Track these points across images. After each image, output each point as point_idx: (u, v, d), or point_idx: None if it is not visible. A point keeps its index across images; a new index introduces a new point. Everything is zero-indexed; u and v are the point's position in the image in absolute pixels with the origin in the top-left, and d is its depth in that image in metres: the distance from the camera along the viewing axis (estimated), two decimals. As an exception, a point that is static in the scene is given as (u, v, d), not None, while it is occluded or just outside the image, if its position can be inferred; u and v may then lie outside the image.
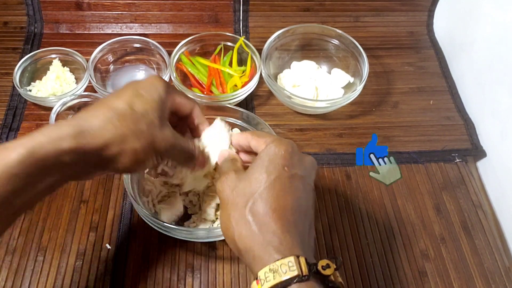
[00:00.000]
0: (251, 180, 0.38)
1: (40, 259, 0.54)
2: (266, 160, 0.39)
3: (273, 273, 0.33)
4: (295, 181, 0.38)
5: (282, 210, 0.36)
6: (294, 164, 0.39)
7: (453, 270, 0.56)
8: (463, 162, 0.66)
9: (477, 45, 0.73)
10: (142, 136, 0.38)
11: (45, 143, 0.34)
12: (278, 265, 0.33)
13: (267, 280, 0.33)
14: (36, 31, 0.77)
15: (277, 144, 0.39)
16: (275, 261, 0.33)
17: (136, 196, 0.53)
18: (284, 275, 0.32)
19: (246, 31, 0.80)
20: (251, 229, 0.36)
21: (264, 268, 0.33)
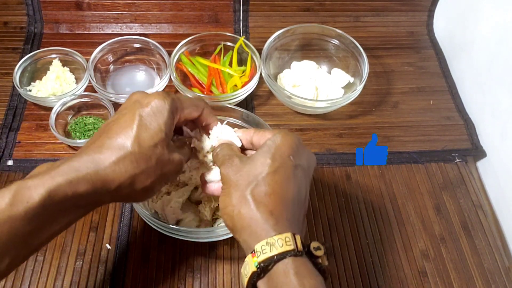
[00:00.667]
0: (256, 164, 0.39)
1: (40, 259, 0.54)
2: (272, 147, 0.39)
3: (269, 246, 0.34)
4: (298, 172, 0.39)
5: (283, 195, 0.38)
6: (299, 156, 0.40)
7: (453, 270, 0.56)
8: (463, 162, 0.66)
9: (477, 45, 0.73)
10: (152, 173, 0.39)
11: (64, 186, 0.35)
12: (275, 239, 0.35)
13: (263, 252, 0.34)
14: (36, 31, 0.77)
15: (284, 135, 0.40)
16: (272, 236, 0.35)
17: (136, 196, 0.53)
18: (280, 248, 0.34)
19: (246, 31, 0.80)
20: (251, 208, 0.36)
21: (261, 242, 0.35)
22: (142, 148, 0.38)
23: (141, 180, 0.39)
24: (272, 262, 0.34)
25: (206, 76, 0.71)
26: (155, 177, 0.39)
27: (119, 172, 0.37)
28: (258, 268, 0.34)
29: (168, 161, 0.40)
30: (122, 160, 0.37)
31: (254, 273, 0.35)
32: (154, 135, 0.39)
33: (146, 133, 0.38)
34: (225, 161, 0.41)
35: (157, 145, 0.39)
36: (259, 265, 0.34)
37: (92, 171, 0.36)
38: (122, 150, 0.38)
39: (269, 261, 0.34)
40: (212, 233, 0.51)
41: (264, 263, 0.34)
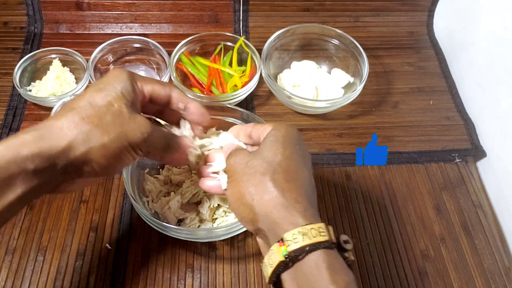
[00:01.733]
0: (267, 153, 0.38)
1: (40, 259, 0.54)
2: (279, 136, 0.39)
3: (302, 235, 0.33)
4: (307, 161, 0.39)
5: (301, 180, 0.37)
6: (303, 147, 0.40)
7: (453, 270, 0.56)
8: (463, 162, 0.66)
9: (477, 45, 0.73)
10: (109, 129, 0.36)
11: (4, 151, 0.33)
12: (308, 229, 0.33)
13: (294, 242, 0.32)
14: (36, 31, 0.77)
15: (287, 126, 0.40)
16: (304, 225, 0.33)
17: (136, 196, 0.53)
18: (314, 238, 0.32)
19: (246, 31, 0.80)
20: (274, 194, 0.35)
21: (292, 230, 0.33)
22: (94, 106, 0.36)
23: (96, 136, 0.35)
24: (303, 253, 0.32)
25: (206, 76, 0.71)
26: (114, 134, 0.36)
27: (68, 128, 0.35)
28: (287, 257, 0.33)
29: (128, 119, 0.37)
30: (71, 117, 0.35)
31: (281, 263, 0.33)
32: (109, 95, 0.37)
33: (100, 94, 0.37)
34: (232, 153, 0.40)
35: (112, 103, 0.37)
36: (288, 254, 0.32)
37: (37, 133, 0.34)
38: (72, 110, 0.36)
39: (300, 251, 0.32)
40: (212, 233, 0.51)
41: (295, 253, 0.32)
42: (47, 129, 0.35)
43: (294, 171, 0.37)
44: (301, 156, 0.39)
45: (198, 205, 0.56)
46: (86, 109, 0.36)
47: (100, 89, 0.37)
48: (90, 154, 0.36)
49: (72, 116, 0.35)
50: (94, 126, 0.35)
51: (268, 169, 0.36)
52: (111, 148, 0.36)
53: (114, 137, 0.36)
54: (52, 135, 0.34)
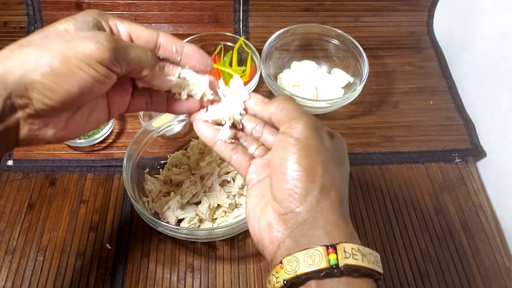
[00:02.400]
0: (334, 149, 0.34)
1: (40, 259, 0.54)
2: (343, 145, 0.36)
3: (361, 255, 0.29)
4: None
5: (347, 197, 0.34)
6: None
7: (453, 270, 0.56)
8: (463, 162, 0.66)
9: (477, 45, 0.73)
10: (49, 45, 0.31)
11: None
12: (367, 252, 0.30)
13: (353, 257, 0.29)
14: (36, 31, 0.77)
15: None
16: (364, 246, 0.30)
17: (136, 196, 0.53)
18: (372, 265, 0.30)
19: (246, 31, 0.80)
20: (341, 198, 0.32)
21: (352, 244, 0.30)
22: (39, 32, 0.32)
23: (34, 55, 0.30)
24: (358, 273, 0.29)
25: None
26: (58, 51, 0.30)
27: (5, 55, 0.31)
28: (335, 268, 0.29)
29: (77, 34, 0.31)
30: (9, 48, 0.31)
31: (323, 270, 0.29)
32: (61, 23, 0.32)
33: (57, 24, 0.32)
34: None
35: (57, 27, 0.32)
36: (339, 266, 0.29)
37: None
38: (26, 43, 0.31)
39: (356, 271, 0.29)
40: (212, 233, 0.51)
41: (351, 269, 0.29)
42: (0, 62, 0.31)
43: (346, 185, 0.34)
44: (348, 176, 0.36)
45: (198, 205, 0.56)
46: (29, 36, 0.32)
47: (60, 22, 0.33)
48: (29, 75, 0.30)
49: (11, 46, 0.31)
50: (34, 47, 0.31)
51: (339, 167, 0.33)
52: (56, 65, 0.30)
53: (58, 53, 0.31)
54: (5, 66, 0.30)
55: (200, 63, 0.38)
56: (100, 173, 0.62)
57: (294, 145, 0.32)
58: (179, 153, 0.61)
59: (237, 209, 0.56)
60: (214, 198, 0.55)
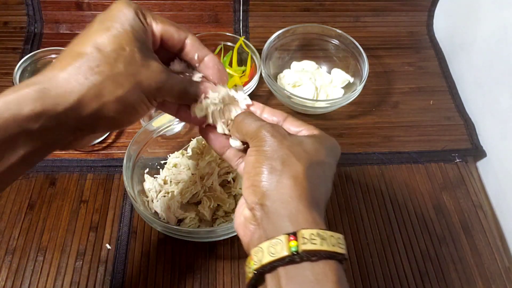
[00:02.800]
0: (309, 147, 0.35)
1: (40, 259, 0.54)
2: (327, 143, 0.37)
3: (320, 239, 0.30)
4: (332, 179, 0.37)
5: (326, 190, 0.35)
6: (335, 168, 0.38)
7: (453, 270, 0.56)
8: (463, 162, 0.66)
9: (477, 45, 0.73)
10: (123, 79, 0.32)
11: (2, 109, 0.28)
12: (328, 235, 0.31)
13: (311, 242, 0.30)
14: (36, 31, 0.77)
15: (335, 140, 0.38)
16: (324, 229, 0.31)
17: (136, 196, 0.53)
18: (333, 247, 0.31)
19: (246, 31, 0.80)
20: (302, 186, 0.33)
21: (311, 230, 0.31)
22: (103, 51, 0.31)
23: (109, 89, 0.31)
24: (317, 257, 0.30)
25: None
26: (129, 86, 0.32)
27: (76, 81, 0.30)
28: (296, 254, 0.30)
29: (142, 66, 0.33)
30: (78, 68, 0.31)
31: (287, 257, 0.30)
32: (118, 36, 0.32)
33: (106, 36, 0.32)
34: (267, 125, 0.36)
35: (123, 46, 0.32)
36: (299, 252, 0.30)
37: (40, 87, 0.30)
38: (78, 58, 0.31)
39: (315, 254, 0.30)
40: (212, 233, 0.51)
41: (309, 254, 0.30)
42: (52, 82, 0.30)
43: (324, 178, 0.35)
44: (333, 172, 0.36)
45: (198, 205, 0.56)
46: (94, 56, 0.31)
47: (107, 28, 0.32)
48: (103, 110, 0.32)
49: (79, 65, 0.31)
50: (106, 77, 0.31)
51: (306, 159, 0.34)
52: (126, 102, 0.32)
53: (128, 89, 0.32)
54: (58, 90, 0.30)
55: (216, 77, 0.39)
56: (100, 173, 0.62)
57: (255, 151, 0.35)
58: (179, 153, 0.61)
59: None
60: (214, 198, 0.55)
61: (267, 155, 0.34)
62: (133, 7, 0.34)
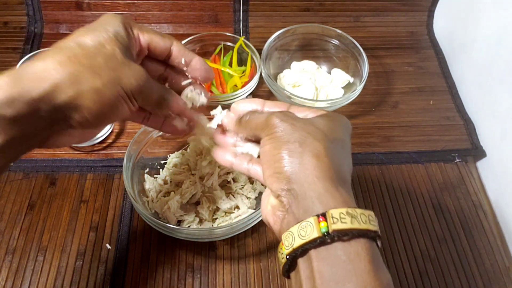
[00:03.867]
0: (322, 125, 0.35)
1: (40, 259, 0.54)
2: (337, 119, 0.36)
3: (351, 217, 0.30)
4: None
5: (349, 167, 0.35)
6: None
7: (453, 270, 0.56)
8: (463, 162, 0.66)
9: (477, 45, 0.73)
10: (101, 71, 0.32)
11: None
12: (358, 212, 0.30)
13: (342, 221, 0.29)
14: (36, 31, 0.77)
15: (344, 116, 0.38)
16: (354, 208, 0.30)
17: (136, 196, 0.53)
18: (364, 225, 0.30)
19: (246, 31, 0.80)
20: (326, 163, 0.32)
21: (340, 209, 0.30)
22: (83, 46, 0.33)
23: (87, 78, 0.32)
24: (349, 236, 0.29)
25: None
26: (107, 78, 0.32)
27: (54, 68, 0.31)
28: (327, 235, 0.29)
29: (122, 63, 0.34)
30: (57, 56, 0.31)
31: (317, 238, 0.29)
32: (99, 35, 0.33)
33: (89, 35, 0.33)
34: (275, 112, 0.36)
35: (103, 44, 0.33)
36: (331, 232, 0.29)
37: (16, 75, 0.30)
38: (56, 50, 0.32)
39: (346, 233, 0.29)
40: (212, 233, 0.51)
41: (340, 233, 0.29)
42: (28, 70, 0.30)
43: (344, 154, 0.35)
44: (350, 147, 0.37)
45: (197, 205, 0.56)
46: (73, 48, 0.32)
47: (90, 30, 0.34)
48: (80, 99, 0.32)
49: (58, 55, 0.31)
50: (84, 67, 0.32)
51: (324, 137, 0.33)
52: (104, 93, 0.32)
53: (107, 81, 0.32)
54: (33, 76, 0.30)
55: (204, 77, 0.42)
56: (100, 173, 0.62)
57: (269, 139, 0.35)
58: (179, 153, 0.61)
59: (237, 209, 0.56)
60: (214, 199, 0.55)
61: (283, 140, 0.34)
62: (120, 18, 0.36)
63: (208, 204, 0.55)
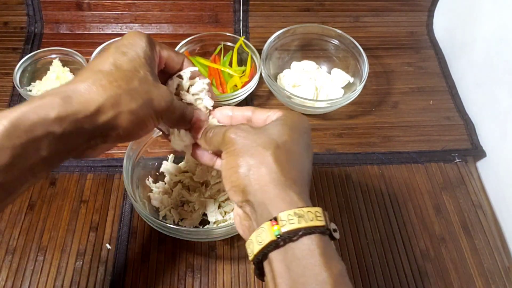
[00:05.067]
0: (272, 131, 0.37)
1: (40, 259, 0.54)
2: (289, 120, 0.38)
3: (298, 217, 0.32)
4: (310, 152, 0.39)
5: (301, 167, 0.36)
6: (309, 138, 0.39)
7: (453, 270, 0.56)
8: (463, 162, 0.66)
9: (477, 45, 0.73)
10: (137, 95, 0.36)
11: (30, 113, 0.31)
12: (305, 211, 0.32)
13: (290, 222, 0.32)
14: (36, 31, 0.77)
15: (299, 114, 0.40)
16: (301, 207, 0.33)
17: (136, 196, 0.53)
18: (310, 222, 0.32)
19: (246, 31, 0.80)
20: (273, 169, 0.34)
21: (288, 211, 0.32)
22: (121, 70, 0.36)
23: (125, 101, 0.35)
24: (298, 235, 0.31)
25: (206, 76, 0.71)
26: (142, 101, 0.36)
27: (97, 91, 0.34)
28: (279, 238, 0.32)
29: (154, 86, 0.37)
30: (99, 81, 0.34)
31: (272, 242, 0.32)
32: (133, 60, 0.37)
33: (124, 58, 0.37)
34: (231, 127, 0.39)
35: (137, 69, 0.37)
36: (282, 235, 0.32)
37: (64, 95, 0.33)
38: (97, 72, 0.35)
39: (295, 233, 0.31)
40: (212, 233, 0.51)
41: (289, 234, 0.31)
42: (75, 92, 0.34)
43: (296, 155, 0.36)
44: (306, 145, 0.38)
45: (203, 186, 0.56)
46: (113, 72, 0.35)
47: (123, 53, 0.37)
48: (118, 119, 0.35)
49: (100, 79, 0.35)
50: (123, 91, 0.35)
51: (271, 144, 0.36)
52: (139, 115, 0.36)
53: (141, 103, 0.36)
54: (80, 98, 0.33)
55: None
56: (100, 173, 0.62)
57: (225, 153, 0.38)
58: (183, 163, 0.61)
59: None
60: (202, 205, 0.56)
61: (237, 153, 0.36)
62: (146, 38, 0.39)
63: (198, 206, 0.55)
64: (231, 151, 0.37)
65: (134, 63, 0.37)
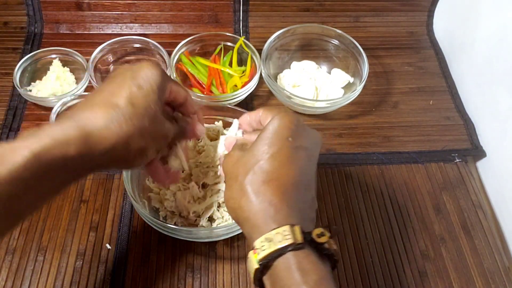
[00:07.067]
0: (254, 152, 0.38)
1: (40, 259, 0.54)
2: (270, 132, 0.38)
3: (268, 242, 0.33)
4: (300, 152, 0.38)
5: (282, 180, 0.36)
6: (299, 136, 0.39)
7: (453, 270, 0.56)
8: (463, 162, 0.66)
9: (477, 45, 0.73)
10: (146, 134, 0.38)
11: (52, 148, 0.33)
12: (273, 234, 0.33)
13: (262, 249, 0.33)
14: (36, 31, 0.77)
15: (283, 116, 0.39)
16: (270, 231, 0.34)
17: (136, 196, 0.53)
18: (279, 243, 0.33)
19: (246, 31, 0.80)
20: (249, 199, 0.35)
21: (260, 238, 0.34)
22: (136, 107, 0.37)
23: (135, 140, 0.37)
24: (271, 259, 0.33)
25: (206, 76, 0.71)
26: (149, 138, 0.39)
27: (114, 131, 0.36)
28: (260, 265, 0.33)
29: (161, 125, 0.40)
30: (117, 119, 0.36)
31: (257, 270, 0.34)
32: (147, 96, 0.38)
33: (140, 93, 0.38)
34: (227, 154, 0.41)
35: (150, 105, 0.38)
36: (260, 262, 0.33)
37: (84, 130, 0.35)
38: (116, 108, 0.37)
39: (268, 258, 0.33)
40: (212, 233, 0.51)
41: (264, 260, 0.33)
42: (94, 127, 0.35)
43: (275, 171, 0.36)
44: (290, 149, 0.37)
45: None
46: (128, 109, 0.37)
47: (139, 87, 0.38)
48: (127, 155, 0.38)
49: (118, 117, 0.36)
50: (135, 129, 0.37)
51: (249, 171, 0.36)
52: (144, 151, 0.39)
53: (149, 141, 0.39)
54: (99, 135, 0.35)
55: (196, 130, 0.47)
56: (100, 173, 0.62)
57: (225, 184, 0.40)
58: None
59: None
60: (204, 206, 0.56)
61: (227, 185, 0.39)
62: (161, 71, 0.41)
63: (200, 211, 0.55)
64: (226, 179, 0.39)
65: (147, 99, 0.38)
